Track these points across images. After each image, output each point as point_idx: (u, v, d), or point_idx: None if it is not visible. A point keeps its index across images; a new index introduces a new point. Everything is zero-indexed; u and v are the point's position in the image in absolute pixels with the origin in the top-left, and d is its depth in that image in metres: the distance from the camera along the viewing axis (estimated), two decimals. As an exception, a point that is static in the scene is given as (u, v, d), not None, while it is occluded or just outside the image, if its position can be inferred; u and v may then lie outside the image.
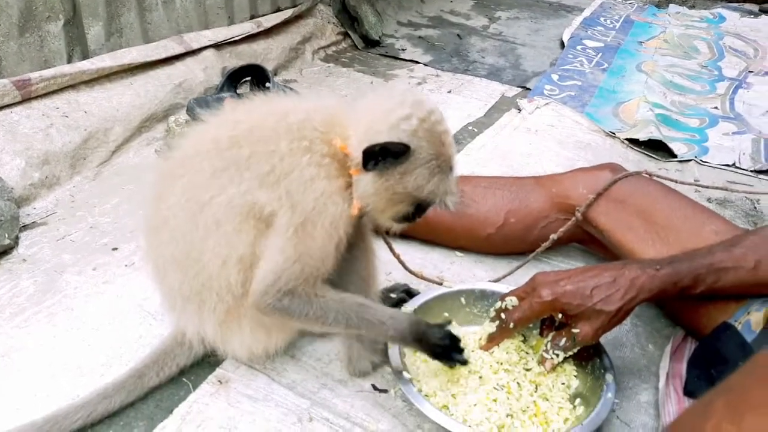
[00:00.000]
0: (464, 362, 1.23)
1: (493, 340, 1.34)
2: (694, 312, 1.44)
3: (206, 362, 1.37)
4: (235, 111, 1.24)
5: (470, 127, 2.59)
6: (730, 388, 0.64)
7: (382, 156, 1.11)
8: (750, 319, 1.31)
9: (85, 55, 2.24)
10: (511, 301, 1.31)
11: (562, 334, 1.28)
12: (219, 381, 1.34)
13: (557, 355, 1.29)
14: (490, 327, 1.35)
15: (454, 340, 1.23)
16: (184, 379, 1.34)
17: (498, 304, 1.33)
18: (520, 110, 2.71)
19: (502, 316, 1.31)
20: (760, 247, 1.31)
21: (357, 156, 1.13)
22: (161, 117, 2.32)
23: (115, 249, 1.74)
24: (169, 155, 1.26)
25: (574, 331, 1.26)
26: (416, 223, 1.24)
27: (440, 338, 1.22)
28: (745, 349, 1.28)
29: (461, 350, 1.23)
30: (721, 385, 0.66)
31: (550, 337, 1.31)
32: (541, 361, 1.31)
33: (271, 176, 1.13)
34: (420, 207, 1.19)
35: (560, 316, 1.29)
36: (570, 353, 1.30)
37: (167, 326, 1.41)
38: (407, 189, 1.14)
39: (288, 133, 1.14)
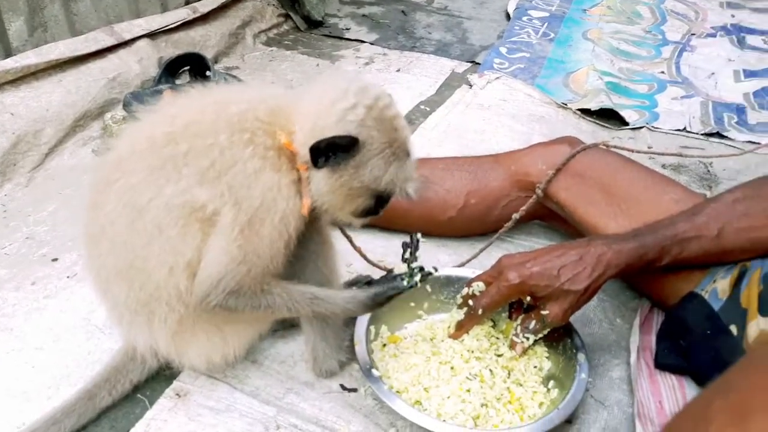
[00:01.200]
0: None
1: (462, 327, 1.30)
2: (659, 283, 1.43)
3: (162, 375, 1.29)
4: (171, 105, 1.16)
5: (422, 106, 2.54)
6: (730, 388, 0.60)
7: (332, 151, 1.04)
8: (716, 287, 1.31)
9: (8, 53, 2.09)
10: (478, 287, 1.27)
11: (531, 317, 1.26)
12: (177, 394, 1.26)
13: (528, 339, 1.26)
14: (458, 314, 1.31)
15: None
16: (139, 395, 1.26)
17: (464, 291, 1.30)
18: (471, 86, 2.66)
19: (470, 302, 1.27)
20: (722, 214, 1.30)
21: (304, 153, 1.06)
22: (96, 114, 2.19)
23: (54, 260, 1.63)
24: (104, 158, 1.17)
25: (544, 312, 1.23)
26: (379, 215, 1.18)
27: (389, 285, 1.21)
28: (713, 318, 1.28)
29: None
30: (717, 383, 0.62)
31: (519, 321, 1.28)
32: (512, 346, 1.28)
33: (210, 172, 1.05)
34: (380, 199, 1.13)
35: (528, 298, 1.26)
36: (540, 335, 1.27)
37: (117, 340, 1.32)
38: (364, 183, 1.08)
39: (228, 126, 1.06)
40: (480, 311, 1.26)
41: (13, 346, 1.37)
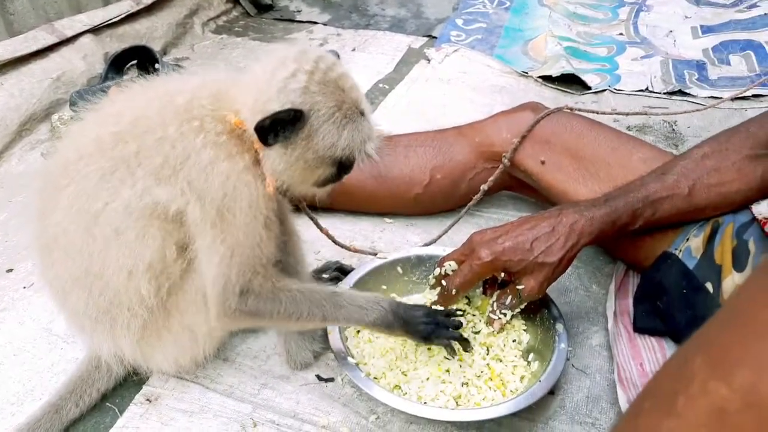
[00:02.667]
0: (463, 340, 1.16)
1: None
2: (633, 245, 1.42)
3: (130, 381, 1.25)
4: (114, 103, 1.10)
5: (381, 84, 2.49)
6: (708, 343, 0.58)
7: (279, 127, 0.98)
8: (689, 246, 1.29)
9: (-57, 58, 2.00)
10: (450, 266, 1.23)
11: (507, 292, 1.23)
12: (147, 399, 1.22)
13: (505, 315, 1.24)
14: (432, 294, 1.28)
15: (442, 317, 1.15)
16: (108, 404, 1.22)
17: (437, 271, 1.26)
18: (429, 61, 2.63)
19: (443, 282, 1.24)
20: (691, 171, 1.29)
21: (252, 132, 1.01)
22: (42, 116, 2.11)
23: (9, 270, 1.56)
24: (49, 163, 1.11)
25: (519, 287, 1.20)
26: (342, 182, 1.12)
27: (425, 317, 1.13)
28: (688, 277, 1.26)
29: (456, 325, 1.15)
30: (695, 339, 0.60)
31: (495, 297, 1.25)
32: (489, 322, 1.26)
33: (165, 168, 1.00)
34: (342, 165, 1.06)
35: (503, 274, 1.22)
36: (517, 310, 1.24)
37: (81, 349, 1.28)
38: (319, 152, 1.02)
39: (175, 117, 1.01)
40: (454, 291, 1.22)
41: (-29, 363, 1.31)
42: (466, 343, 1.17)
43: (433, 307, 1.22)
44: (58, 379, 1.25)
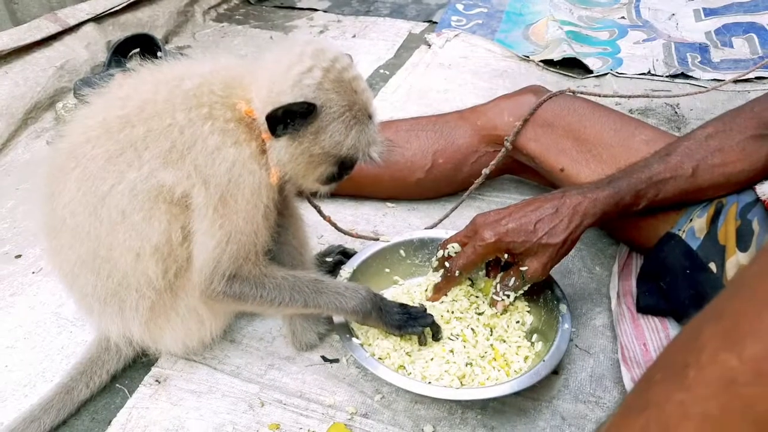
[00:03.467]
0: (433, 328, 1.18)
1: (440, 290, 1.28)
2: (636, 226, 1.42)
3: (139, 363, 1.27)
4: (122, 87, 1.10)
5: (382, 71, 2.50)
6: (720, 314, 0.58)
7: (289, 119, 1.00)
8: (693, 227, 1.30)
9: (-52, 48, 2.01)
10: (454, 248, 1.25)
11: (510, 274, 1.24)
12: (156, 380, 1.24)
13: (508, 296, 1.24)
14: (435, 277, 1.29)
15: (415, 310, 1.17)
16: (117, 385, 1.24)
17: (440, 253, 1.27)
18: (430, 46, 2.63)
19: (446, 264, 1.25)
20: (694, 152, 1.29)
21: (263, 122, 1.02)
22: (47, 105, 2.13)
23: (18, 256, 1.58)
24: (56, 146, 1.13)
25: (523, 269, 1.21)
26: (344, 181, 1.15)
27: (399, 308, 1.16)
28: (692, 257, 1.27)
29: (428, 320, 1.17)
30: (705, 311, 0.61)
31: (498, 279, 1.26)
32: (493, 304, 1.26)
33: (173, 153, 1.01)
34: (344, 164, 1.09)
35: (506, 256, 1.23)
36: (521, 292, 1.25)
37: (90, 331, 1.30)
38: (324, 148, 1.04)
39: (184, 102, 1.02)
40: (457, 272, 1.24)
41: (-17, 347, 1.33)
42: (437, 329, 1.19)
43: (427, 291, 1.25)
44: (68, 361, 1.27)
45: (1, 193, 1.83)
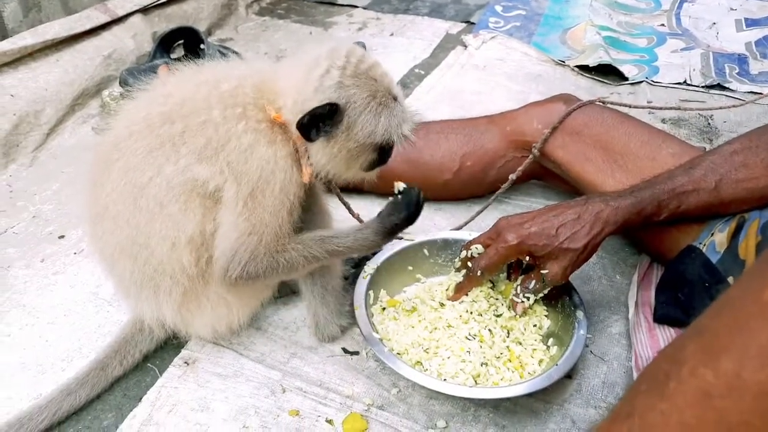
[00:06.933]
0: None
1: (461, 289, 1.32)
2: (658, 238, 1.44)
3: (170, 345, 1.33)
4: (165, 85, 1.17)
5: (417, 70, 2.52)
6: (701, 331, 0.62)
7: (319, 122, 1.06)
8: (714, 240, 1.31)
9: (4, 35, 2.10)
10: (477, 249, 1.28)
11: (531, 277, 1.26)
12: (185, 362, 1.30)
13: (528, 299, 1.27)
14: (457, 277, 1.33)
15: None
16: (149, 364, 1.30)
17: (463, 253, 1.31)
18: (466, 47, 2.65)
19: (469, 264, 1.29)
20: (719, 166, 1.30)
21: (295, 129, 1.08)
22: (94, 92, 2.21)
23: (61, 237, 1.66)
24: (102, 139, 1.19)
25: (543, 272, 1.24)
26: (375, 175, 1.20)
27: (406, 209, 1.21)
28: (711, 270, 1.28)
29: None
30: (691, 327, 0.64)
31: (519, 281, 1.29)
32: (512, 306, 1.29)
33: (208, 149, 1.07)
34: (383, 149, 1.14)
35: (527, 258, 1.26)
36: (540, 295, 1.28)
37: (125, 312, 1.36)
38: (359, 141, 1.09)
39: (220, 102, 1.08)
40: (479, 273, 1.27)
41: (27, 322, 1.41)
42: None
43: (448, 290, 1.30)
44: (104, 339, 1.33)
45: (47, 176, 1.91)
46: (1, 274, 1.54)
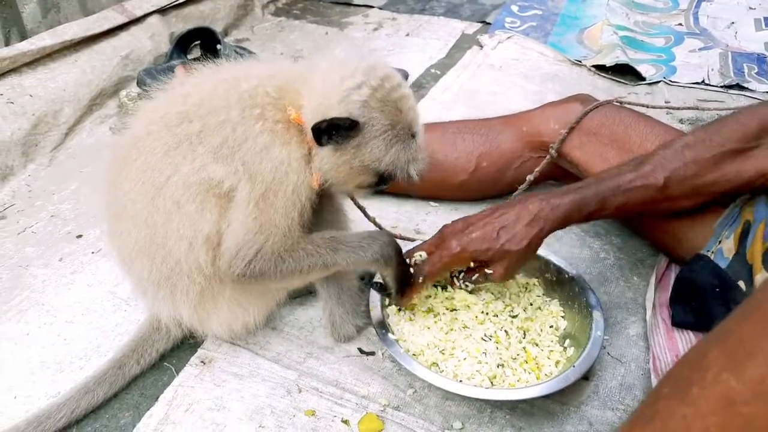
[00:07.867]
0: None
1: (406, 296, 1.27)
2: (676, 238, 1.43)
3: (187, 344, 1.33)
4: (184, 84, 1.17)
5: (433, 70, 2.52)
6: (727, 335, 0.61)
7: (334, 131, 1.06)
8: (722, 248, 1.31)
9: (23, 36, 2.12)
10: (421, 257, 1.27)
11: (475, 272, 1.26)
12: (202, 362, 1.30)
13: (467, 286, 1.29)
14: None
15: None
16: (166, 363, 1.31)
17: (407, 261, 1.28)
18: (482, 47, 2.64)
19: (412, 271, 1.27)
20: (669, 162, 1.28)
21: (309, 131, 1.08)
22: (111, 92, 2.23)
23: (79, 236, 1.68)
24: (121, 138, 1.20)
25: (488, 271, 1.24)
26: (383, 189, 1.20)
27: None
28: (721, 276, 1.28)
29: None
30: (714, 332, 0.63)
31: (463, 272, 1.29)
32: (450, 283, 1.31)
33: (224, 148, 1.07)
34: (383, 177, 1.14)
35: (472, 264, 1.26)
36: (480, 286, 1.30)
37: (143, 311, 1.37)
38: (364, 162, 1.10)
39: (239, 102, 1.08)
40: (421, 279, 1.25)
41: (45, 320, 1.42)
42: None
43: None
44: (121, 338, 1.34)
45: (65, 175, 1.93)
46: (19, 273, 1.55)
